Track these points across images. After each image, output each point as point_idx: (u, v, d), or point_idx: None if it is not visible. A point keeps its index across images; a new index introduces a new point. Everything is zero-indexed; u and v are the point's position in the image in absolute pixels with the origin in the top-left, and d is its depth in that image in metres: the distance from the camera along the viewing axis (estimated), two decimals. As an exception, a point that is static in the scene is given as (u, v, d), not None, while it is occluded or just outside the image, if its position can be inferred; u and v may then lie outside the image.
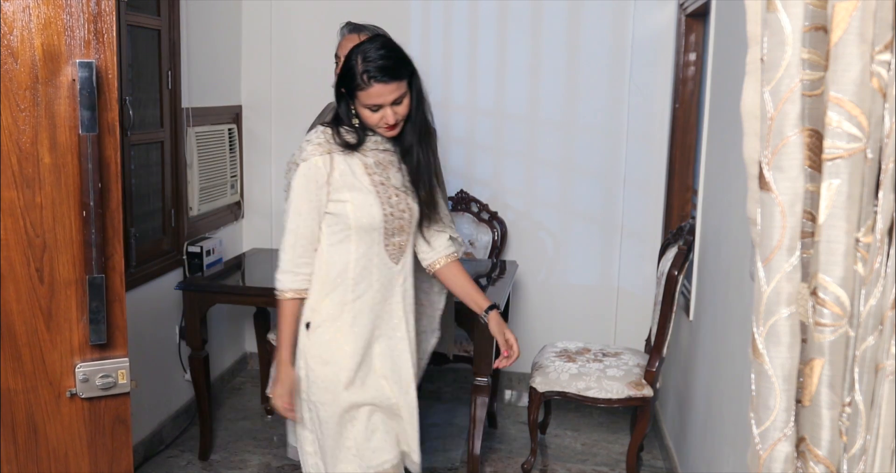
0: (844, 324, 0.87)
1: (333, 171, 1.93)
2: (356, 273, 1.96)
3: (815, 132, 0.89)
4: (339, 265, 1.96)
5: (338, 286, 1.96)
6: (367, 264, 1.97)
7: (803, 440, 0.92)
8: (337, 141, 1.94)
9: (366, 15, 2.84)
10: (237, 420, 3.62)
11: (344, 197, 1.93)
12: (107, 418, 1.56)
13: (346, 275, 1.96)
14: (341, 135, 1.95)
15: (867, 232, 0.86)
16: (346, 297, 1.96)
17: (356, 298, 1.97)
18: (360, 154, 1.97)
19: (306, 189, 1.93)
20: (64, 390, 1.49)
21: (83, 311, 1.45)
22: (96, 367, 1.48)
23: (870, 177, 0.85)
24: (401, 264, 2.02)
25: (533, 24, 3.72)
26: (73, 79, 1.36)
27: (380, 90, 1.86)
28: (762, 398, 0.92)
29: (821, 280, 0.87)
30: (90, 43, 1.39)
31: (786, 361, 0.89)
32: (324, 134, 1.96)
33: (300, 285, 1.96)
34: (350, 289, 1.96)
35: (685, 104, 3.43)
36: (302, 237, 1.94)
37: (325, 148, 1.93)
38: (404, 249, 2.04)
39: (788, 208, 0.87)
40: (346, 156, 1.95)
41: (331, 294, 1.97)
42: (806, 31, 0.87)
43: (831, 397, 0.89)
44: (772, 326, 0.90)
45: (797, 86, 0.86)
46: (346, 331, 1.97)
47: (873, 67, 0.83)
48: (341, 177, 1.93)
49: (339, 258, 1.96)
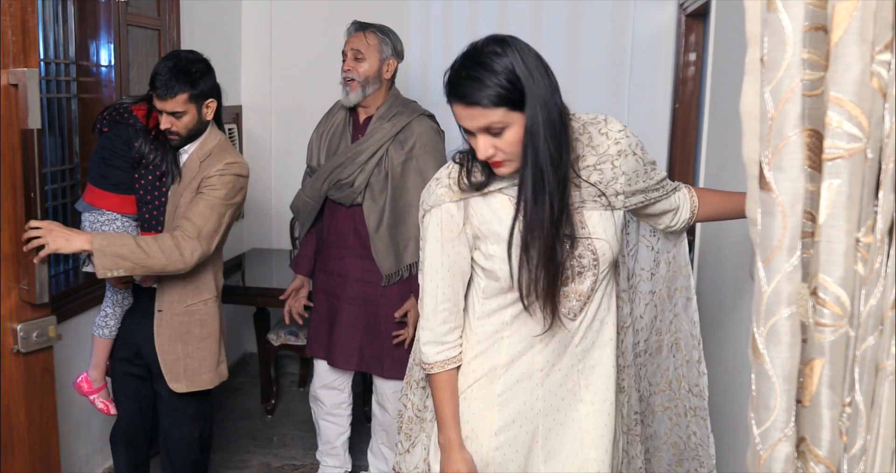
0: (845, 324, 0.87)
1: (471, 218, 1.54)
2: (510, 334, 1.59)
3: (815, 132, 0.89)
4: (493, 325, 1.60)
5: (488, 349, 1.61)
6: (528, 321, 1.58)
7: (803, 440, 0.92)
8: (464, 184, 1.53)
9: (366, 15, 2.85)
10: (237, 420, 3.62)
11: (491, 250, 1.54)
12: (37, 369, 1.88)
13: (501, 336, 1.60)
14: (470, 173, 1.53)
15: (867, 232, 0.86)
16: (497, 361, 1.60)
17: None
18: (506, 190, 1.54)
19: (441, 242, 1.55)
20: (8, 348, 1.81)
21: (19, 279, 1.84)
22: (33, 325, 1.85)
23: (870, 177, 0.85)
24: (579, 320, 1.59)
25: (533, 24, 3.73)
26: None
27: (459, 112, 1.48)
28: (762, 398, 0.92)
29: (821, 280, 0.87)
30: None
31: (786, 361, 0.89)
32: (455, 172, 1.55)
33: (449, 355, 1.60)
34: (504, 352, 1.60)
35: (685, 104, 3.43)
36: (445, 301, 1.58)
37: (457, 192, 1.54)
38: (590, 299, 1.59)
39: (789, 208, 0.87)
40: (487, 196, 1.54)
41: (480, 356, 1.62)
42: (806, 31, 0.87)
43: (831, 397, 0.89)
44: (772, 326, 0.90)
45: (797, 86, 0.86)
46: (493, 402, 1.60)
47: (873, 66, 0.83)
48: (483, 225, 1.54)
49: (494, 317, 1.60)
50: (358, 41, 2.61)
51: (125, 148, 2.25)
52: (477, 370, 1.60)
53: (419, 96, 3.71)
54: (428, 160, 2.59)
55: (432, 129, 2.64)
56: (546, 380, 1.59)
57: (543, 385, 1.59)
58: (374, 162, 2.59)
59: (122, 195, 2.27)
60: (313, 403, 2.95)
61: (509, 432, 1.59)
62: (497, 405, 1.59)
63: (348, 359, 2.72)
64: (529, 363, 1.58)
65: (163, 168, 2.26)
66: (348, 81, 2.61)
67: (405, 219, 2.61)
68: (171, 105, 2.18)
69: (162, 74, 2.17)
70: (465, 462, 1.56)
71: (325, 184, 2.67)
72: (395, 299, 2.65)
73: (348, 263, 2.70)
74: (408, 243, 2.62)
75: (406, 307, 2.63)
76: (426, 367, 1.60)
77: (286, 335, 3.53)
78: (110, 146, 2.27)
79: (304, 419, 3.59)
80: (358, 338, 2.71)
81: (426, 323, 1.59)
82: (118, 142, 2.26)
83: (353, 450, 3.09)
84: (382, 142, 2.59)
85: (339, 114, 2.73)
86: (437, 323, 1.58)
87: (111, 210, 2.26)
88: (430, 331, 1.59)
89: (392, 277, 2.64)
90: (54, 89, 2.82)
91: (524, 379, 1.59)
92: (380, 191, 2.60)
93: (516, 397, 1.59)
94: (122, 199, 2.27)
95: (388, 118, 2.62)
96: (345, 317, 2.71)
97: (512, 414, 1.59)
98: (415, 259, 2.60)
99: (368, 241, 2.64)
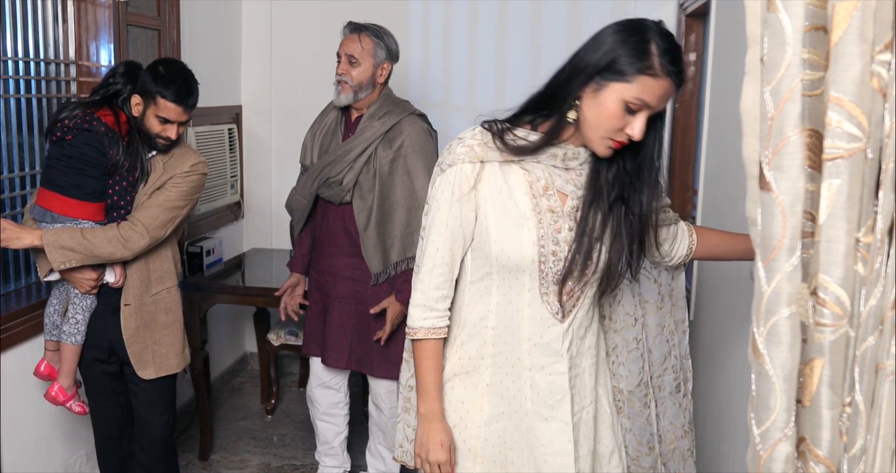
0: (845, 324, 0.87)
1: (480, 183, 1.49)
2: (496, 324, 1.54)
3: (815, 132, 0.89)
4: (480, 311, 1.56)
5: (473, 337, 1.57)
6: (515, 316, 1.53)
7: (803, 440, 0.92)
8: (498, 145, 1.47)
9: (366, 15, 2.85)
10: (237, 420, 3.62)
11: (488, 222, 1.49)
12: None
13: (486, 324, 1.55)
14: (508, 138, 1.47)
15: (867, 232, 0.86)
16: (483, 350, 1.56)
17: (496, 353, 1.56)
18: (527, 164, 1.49)
19: (449, 202, 1.49)
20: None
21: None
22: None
23: (870, 177, 0.85)
24: (567, 323, 1.54)
25: (533, 24, 3.72)
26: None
27: (661, 90, 1.38)
28: (762, 398, 0.92)
29: (821, 280, 0.87)
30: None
31: (786, 361, 0.89)
32: (482, 134, 1.50)
33: (436, 324, 1.54)
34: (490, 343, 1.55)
35: (685, 104, 3.43)
36: (443, 264, 1.52)
37: (478, 154, 1.48)
38: (580, 301, 1.55)
39: (789, 208, 0.87)
40: (504, 166, 1.49)
41: (466, 344, 1.57)
42: (806, 31, 0.87)
43: (831, 397, 0.89)
44: (772, 326, 0.90)
45: (798, 86, 0.86)
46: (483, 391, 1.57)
47: (873, 66, 0.83)
48: (490, 195, 1.49)
49: (481, 303, 1.55)
50: (353, 44, 2.60)
51: (98, 156, 2.23)
52: (464, 356, 1.56)
53: (419, 96, 3.71)
54: (416, 159, 2.58)
55: (422, 128, 2.63)
56: (536, 381, 1.55)
57: (533, 387, 1.55)
58: (362, 160, 2.59)
59: (96, 203, 2.26)
60: (309, 403, 2.95)
61: (498, 423, 1.56)
62: (486, 395, 1.55)
63: (339, 357, 2.72)
64: (518, 359, 1.54)
65: (136, 173, 2.28)
66: (341, 83, 2.62)
67: (392, 217, 2.61)
68: (187, 115, 2.28)
69: (186, 85, 2.26)
70: (445, 432, 1.53)
71: (316, 182, 2.68)
72: (384, 297, 2.65)
73: (339, 261, 2.71)
74: (394, 241, 2.61)
75: (384, 304, 2.62)
76: (411, 331, 1.54)
77: (286, 335, 3.53)
78: (81, 155, 2.22)
79: (304, 419, 3.59)
80: (348, 336, 2.71)
81: (420, 285, 1.53)
82: (90, 150, 2.22)
83: (353, 450, 3.09)
84: (371, 140, 2.59)
85: (332, 113, 2.74)
86: (431, 287, 1.52)
87: (87, 219, 2.24)
88: (423, 294, 1.53)
89: (381, 275, 2.64)
90: (54, 89, 2.82)
91: (514, 375, 1.55)
92: (368, 189, 2.60)
93: (506, 391, 1.55)
94: (96, 207, 2.26)
95: (378, 117, 2.62)
96: (336, 315, 2.72)
97: (501, 406, 1.56)
98: (400, 258, 2.61)
99: (358, 239, 2.64)
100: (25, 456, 2.53)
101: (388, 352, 2.66)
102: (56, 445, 2.68)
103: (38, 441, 2.60)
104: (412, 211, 2.59)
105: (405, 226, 2.60)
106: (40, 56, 2.74)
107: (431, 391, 1.53)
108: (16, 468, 2.48)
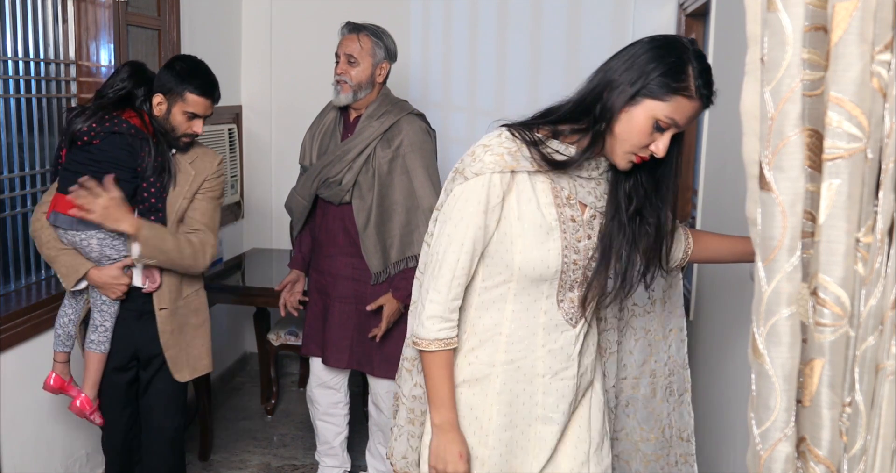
0: (845, 324, 0.87)
1: (510, 194, 1.45)
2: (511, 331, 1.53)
3: (815, 132, 0.89)
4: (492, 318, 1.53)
5: (485, 343, 1.54)
6: (530, 324, 1.53)
7: (803, 440, 0.92)
8: (535, 157, 1.43)
9: (366, 15, 2.85)
10: (237, 420, 3.62)
11: (512, 231, 1.46)
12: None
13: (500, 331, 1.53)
14: (546, 151, 1.43)
15: (867, 232, 0.86)
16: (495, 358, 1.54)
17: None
18: (553, 173, 1.47)
19: (474, 213, 1.44)
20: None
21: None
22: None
23: (870, 177, 0.85)
24: (579, 327, 1.55)
25: (533, 24, 3.73)
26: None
27: (694, 109, 1.40)
28: (762, 398, 0.92)
29: (821, 280, 0.87)
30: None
31: (786, 361, 0.89)
32: (509, 141, 1.45)
33: (449, 334, 1.50)
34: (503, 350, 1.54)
35: (685, 104, 3.42)
36: (463, 275, 1.47)
37: (509, 163, 1.43)
38: (591, 307, 1.57)
39: (789, 208, 0.87)
40: (533, 176, 1.46)
41: (476, 350, 1.55)
42: (806, 31, 0.86)
43: (832, 397, 0.89)
44: (772, 326, 0.90)
45: (798, 86, 0.86)
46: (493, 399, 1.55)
47: (873, 66, 0.83)
48: (518, 205, 1.46)
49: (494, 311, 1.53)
50: (351, 44, 2.60)
51: (129, 159, 2.17)
52: (474, 362, 1.54)
53: (419, 97, 3.72)
54: (415, 159, 2.58)
55: (421, 128, 2.64)
56: (549, 387, 1.54)
57: (545, 393, 1.55)
58: (361, 160, 2.59)
59: (130, 207, 2.17)
60: (309, 403, 2.95)
61: (506, 432, 1.55)
62: (496, 403, 1.54)
63: (340, 357, 2.72)
64: (532, 366, 1.53)
65: (165, 174, 2.24)
66: (341, 83, 2.62)
67: (392, 217, 2.61)
68: (212, 109, 2.31)
69: (210, 78, 2.29)
70: (463, 442, 1.50)
71: (315, 182, 2.68)
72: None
73: (338, 261, 2.71)
74: (394, 240, 2.62)
75: (380, 301, 2.62)
76: (424, 342, 1.48)
77: (286, 335, 3.53)
78: (112, 159, 2.15)
79: (304, 419, 3.59)
80: (349, 336, 2.71)
81: (438, 296, 1.47)
82: (121, 153, 2.16)
83: (353, 450, 3.09)
84: (370, 140, 2.59)
85: (331, 114, 2.74)
86: (450, 298, 1.47)
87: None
88: (440, 305, 1.47)
89: (381, 275, 2.64)
90: (54, 89, 2.82)
91: (526, 382, 1.54)
92: (367, 189, 2.60)
93: (516, 398, 1.54)
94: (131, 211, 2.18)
95: (376, 117, 2.62)
96: (336, 315, 2.72)
97: (510, 414, 1.54)
98: (399, 257, 2.61)
99: (358, 239, 2.64)
100: (25, 456, 2.53)
101: (388, 352, 2.66)
102: (56, 445, 2.68)
103: (37, 441, 2.59)
104: (411, 210, 2.59)
105: (404, 225, 2.60)
106: (40, 56, 2.74)
107: (447, 401, 1.50)
108: (16, 468, 2.48)
